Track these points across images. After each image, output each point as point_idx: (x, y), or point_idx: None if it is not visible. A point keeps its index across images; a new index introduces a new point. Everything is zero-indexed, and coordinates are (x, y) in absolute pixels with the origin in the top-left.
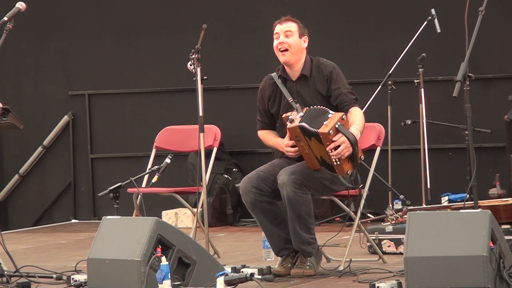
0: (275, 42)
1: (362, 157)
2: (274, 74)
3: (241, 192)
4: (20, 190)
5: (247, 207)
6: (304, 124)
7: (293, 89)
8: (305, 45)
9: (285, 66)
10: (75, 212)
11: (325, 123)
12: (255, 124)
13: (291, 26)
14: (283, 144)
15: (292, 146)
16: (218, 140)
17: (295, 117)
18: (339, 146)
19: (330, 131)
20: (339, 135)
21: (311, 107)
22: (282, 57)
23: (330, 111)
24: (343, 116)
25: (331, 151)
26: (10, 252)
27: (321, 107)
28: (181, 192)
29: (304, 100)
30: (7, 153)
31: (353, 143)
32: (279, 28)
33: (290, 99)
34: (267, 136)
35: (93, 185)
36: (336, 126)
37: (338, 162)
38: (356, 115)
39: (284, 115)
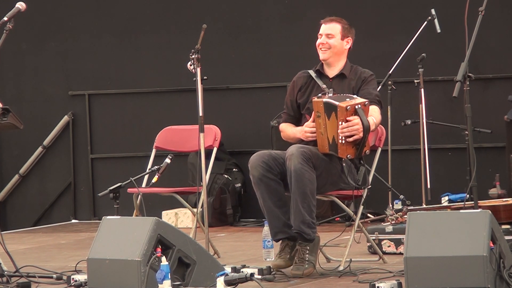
0: (318, 41)
1: (368, 151)
2: (311, 71)
3: (250, 166)
4: (20, 190)
5: (253, 183)
6: (329, 100)
7: (327, 85)
8: (347, 46)
9: (324, 64)
10: (75, 212)
11: (347, 100)
12: (255, 124)
13: (334, 28)
14: (303, 127)
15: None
16: (218, 140)
17: (324, 96)
18: (350, 126)
19: (348, 107)
20: (355, 116)
21: (341, 94)
22: (322, 55)
23: (357, 96)
24: (366, 103)
25: (341, 127)
26: (10, 252)
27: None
28: (181, 192)
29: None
30: (7, 153)
31: (366, 129)
32: (322, 28)
33: (324, 86)
34: (287, 128)
35: (93, 185)
36: (356, 107)
37: (343, 142)
38: (375, 111)
39: (313, 96)
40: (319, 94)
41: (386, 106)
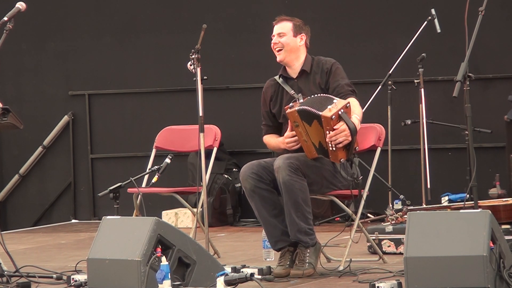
0: (272, 43)
1: (357, 147)
2: (276, 77)
3: (241, 178)
4: (20, 190)
5: (246, 195)
6: (304, 107)
7: (295, 86)
8: (302, 42)
9: (285, 66)
10: (75, 212)
11: (329, 107)
12: (255, 124)
13: (284, 26)
14: (284, 137)
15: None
16: (218, 140)
17: (296, 104)
18: (338, 133)
19: (333, 116)
20: (341, 123)
21: (312, 96)
22: (277, 56)
23: (335, 98)
24: (347, 104)
25: (329, 136)
26: (10, 252)
27: (324, 94)
28: (181, 192)
29: (305, 96)
30: (7, 153)
31: (353, 132)
32: (274, 29)
33: (292, 92)
34: (270, 140)
35: (93, 185)
36: (340, 112)
37: (334, 149)
38: (354, 105)
39: (286, 106)
40: (291, 104)
41: (386, 106)
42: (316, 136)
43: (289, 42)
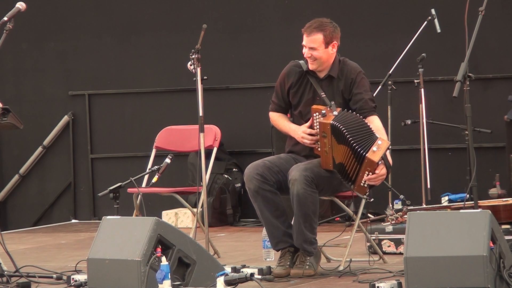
0: (303, 51)
1: None
2: (302, 63)
3: (245, 179)
4: (20, 190)
5: (250, 195)
6: (343, 130)
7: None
8: (334, 50)
9: None
10: (75, 212)
11: (374, 149)
12: (255, 124)
13: (316, 40)
14: (301, 129)
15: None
16: (218, 140)
17: (329, 113)
18: (379, 177)
19: (379, 162)
20: (381, 166)
21: (345, 110)
22: (310, 65)
23: (377, 135)
24: (389, 146)
25: (369, 178)
26: (10, 252)
27: (360, 117)
28: (181, 192)
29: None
30: (7, 153)
31: (388, 172)
32: (305, 40)
33: (323, 94)
34: (279, 119)
35: (93, 185)
36: (382, 156)
37: (366, 185)
38: (378, 128)
39: (314, 106)
40: (323, 111)
41: (386, 106)
42: (340, 156)
43: (321, 55)
